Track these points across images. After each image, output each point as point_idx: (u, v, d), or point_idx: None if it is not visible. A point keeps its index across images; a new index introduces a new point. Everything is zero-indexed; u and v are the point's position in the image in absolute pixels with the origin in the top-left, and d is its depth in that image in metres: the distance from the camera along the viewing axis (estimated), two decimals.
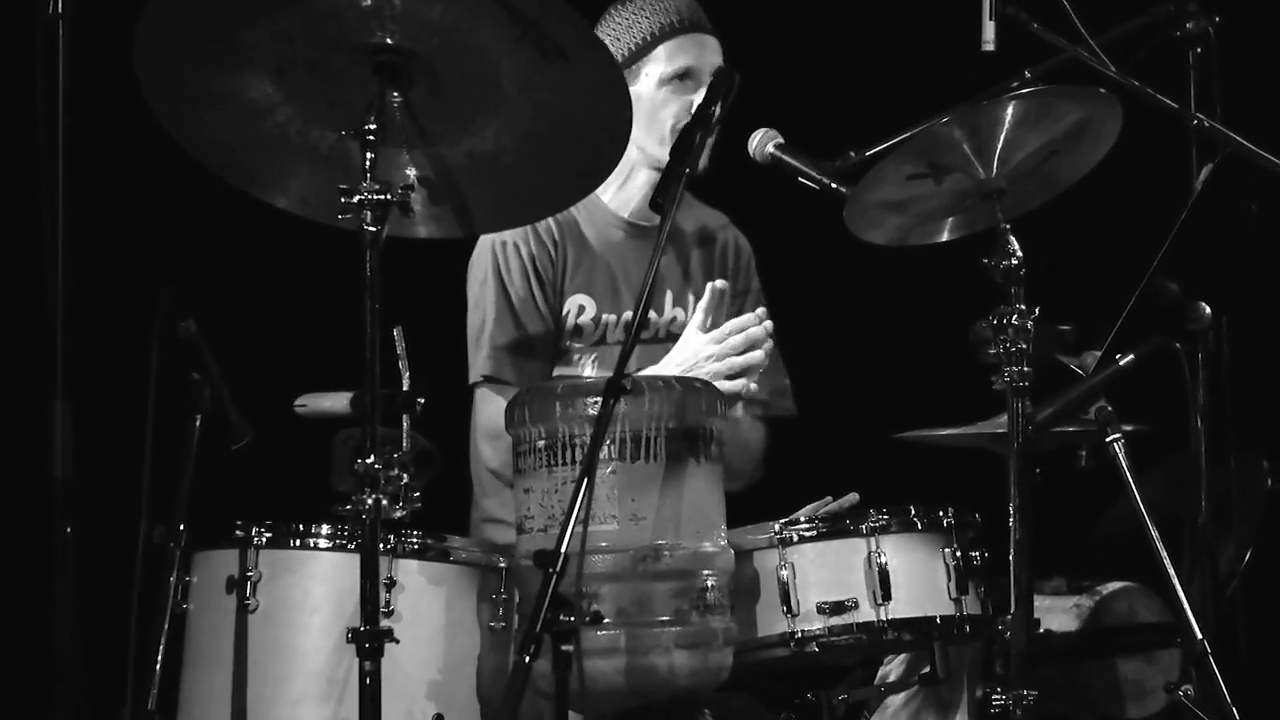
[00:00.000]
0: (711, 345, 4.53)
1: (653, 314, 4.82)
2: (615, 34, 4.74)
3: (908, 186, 4.25)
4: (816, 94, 6.09)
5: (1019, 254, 4.13)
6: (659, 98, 4.74)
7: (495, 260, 4.75)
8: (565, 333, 4.78)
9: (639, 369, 4.55)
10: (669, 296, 4.86)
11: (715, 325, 4.56)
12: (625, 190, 4.86)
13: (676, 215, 4.18)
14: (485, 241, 4.77)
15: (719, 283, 4.62)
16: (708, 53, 4.78)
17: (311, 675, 3.98)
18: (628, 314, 4.80)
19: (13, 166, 4.41)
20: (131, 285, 4.70)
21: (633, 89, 4.65)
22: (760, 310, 4.60)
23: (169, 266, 5.28)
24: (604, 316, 4.80)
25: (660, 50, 4.77)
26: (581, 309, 4.78)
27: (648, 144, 4.73)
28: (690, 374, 4.47)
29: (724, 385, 4.45)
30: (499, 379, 4.70)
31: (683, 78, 4.76)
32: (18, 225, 4.23)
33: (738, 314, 4.69)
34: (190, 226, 5.50)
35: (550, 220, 4.75)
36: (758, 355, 4.52)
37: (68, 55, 3.53)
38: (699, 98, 4.64)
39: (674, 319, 4.82)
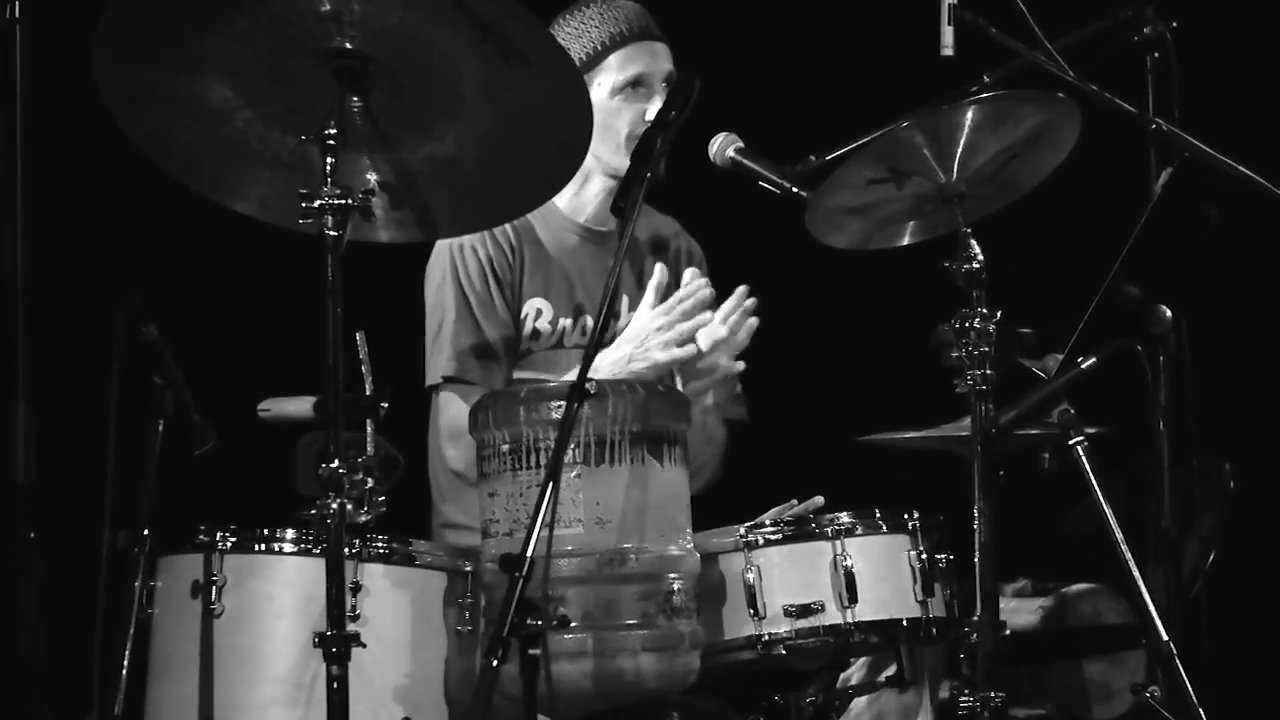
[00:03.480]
0: (660, 317, 4.56)
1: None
2: (565, 43, 4.73)
3: (868, 191, 4.26)
4: (777, 99, 6.11)
5: (980, 258, 4.15)
6: (612, 106, 4.76)
7: (453, 263, 4.75)
8: (523, 336, 4.78)
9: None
10: (625, 302, 4.86)
11: None
12: (581, 196, 4.88)
13: None
14: (442, 245, 4.77)
15: (660, 266, 4.66)
16: (659, 60, 4.80)
17: (278, 680, 3.97)
18: (585, 317, 4.82)
19: None
20: (93, 290, 4.70)
21: None
22: (694, 269, 4.66)
23: (130, 271, 5.27)
24: (561, 320, 4.81)
25: (612, 59, 4.78)
26: (539, 313, 4.79)
27: (602, 152, 4.74)
28: (643, 348, 4.53)
29: (676, 352, 4.51)
30: (462, 379, 4.70)
31: (635, 86, 4.77)
32: None
33: None
34: (152, 231, 5.50)
35: (506, 225, 4.75)
36: (706, 315, 4.56)
37: (25, 60, 3.52)
38: (652, 105, 4.68)
39: (630, 323, 4.83)
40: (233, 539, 4.04)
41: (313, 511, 3.76)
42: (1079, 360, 4.45)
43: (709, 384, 4.68)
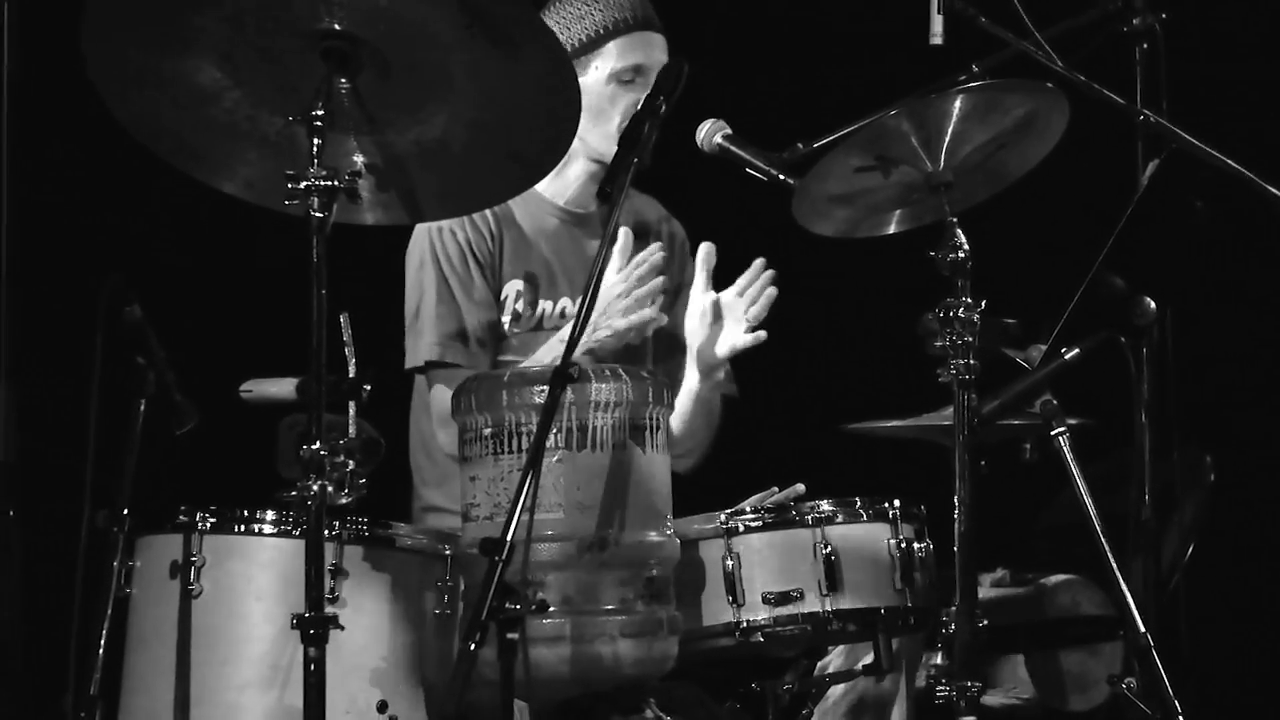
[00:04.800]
0: (619, 284, 4.56)
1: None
2: (565, 23, 4.73)
3: (855, 179, 4.26)
4: (765, 85, 6.11)
5: (965, 247, 4.15)
6: (606, 93, 4.75)
7: (432, 246, 4.72)
8: (502, 320, 4.76)
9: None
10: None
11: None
12: (561, 178, 4.85)
13: None
14: (420, 229, 4.74)
15: (624, 229, 4.65)
16: (656, 51, 4.78)
17: (255, 661, 3.97)
18: (564, 300, 4.81)
19: None
20: (76, 269, 4.69)
21: (579, 80, 4.64)
22: (656, 244, 4.65)
23: (114, 250, 5.27)
24: (541, 303, 4.80)
25: (612, 46, 4.76)
26: (518, 295, 4.78)
27: (590, 136, 4.72)
28: (605, 316, 4.54)
29: (634, 318, 4.53)
30: (448, 363, 4.68)
31: (632, 75, 4.75)
32: None
33: (674, 303, 4.73)
34: (136, 210, 5.49)
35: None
36: (660, 280, 4.57)
37: (12, 38, 3.50)
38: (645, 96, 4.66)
39: None
40: (212, 520, 4.03)
41: (293, 493, 3.75)
42: (1062, 351, 4.46)
43: (726, 359, 4.68)
